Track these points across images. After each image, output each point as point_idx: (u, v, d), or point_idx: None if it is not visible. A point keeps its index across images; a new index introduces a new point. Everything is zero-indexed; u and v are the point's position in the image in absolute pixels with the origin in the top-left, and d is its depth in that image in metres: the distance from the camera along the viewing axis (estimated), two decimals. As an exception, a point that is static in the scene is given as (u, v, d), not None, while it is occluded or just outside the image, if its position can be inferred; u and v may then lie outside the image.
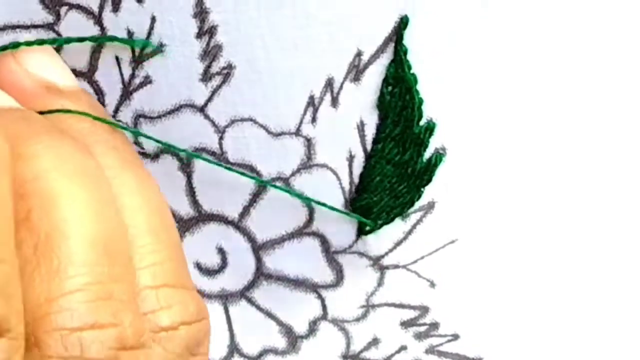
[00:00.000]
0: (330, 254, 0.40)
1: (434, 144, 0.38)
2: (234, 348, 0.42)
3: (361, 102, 0.38)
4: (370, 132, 0.38)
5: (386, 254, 0.40)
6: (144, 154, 0.40)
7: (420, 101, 0.37)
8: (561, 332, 0.41)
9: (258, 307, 0.42)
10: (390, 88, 0.37)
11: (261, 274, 0.41)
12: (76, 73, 0.40)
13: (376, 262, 0.40)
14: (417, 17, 0.37)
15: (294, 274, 0.41)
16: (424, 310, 0.41)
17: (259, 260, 0.41)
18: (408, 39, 0.37)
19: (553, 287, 0.40)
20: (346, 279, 0.40)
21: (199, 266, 0.41)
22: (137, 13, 0.38)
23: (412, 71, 0.37)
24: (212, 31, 0.38)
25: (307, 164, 0.39)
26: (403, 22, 0.37)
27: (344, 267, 0.40)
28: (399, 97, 0.37)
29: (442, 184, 0.38)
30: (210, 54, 0.38)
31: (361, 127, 0.38)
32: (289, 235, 0.40)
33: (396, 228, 0.39)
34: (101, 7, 0.39)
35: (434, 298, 0.40)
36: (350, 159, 0.38)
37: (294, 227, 0.40)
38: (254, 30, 0.37)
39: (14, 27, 0.40)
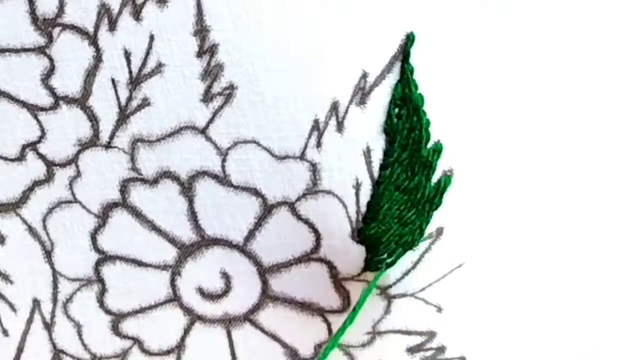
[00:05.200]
0: (337, 280, 0.39)
1: (441, 166, 0.37)
2: (237, 372, 0.42)
3: (367, 127, 0.36)
4: (376, 157, 0.37)
5: (394, 283, 0.39)
6: (143, 180, 0.39)
7: (428, 122, 0.36)
8: (569, 355, 0.40)
9: (263, 330, 0.41)
10: (397, 110, 0.36)
11: (267, 296, 0.40)
12: (68, 100, 0.38)
13: (384, 291, 0.39)
14: (422, 35, 0.36)
15: (301, 297, 0.40)
16: (431, 335, 0.40)
17: (264, 283, 0.40)
18: (413, 57, 0.36)
19: (561, 310, 0.39)
20: (353, 306, 0.39)
21: (201, 291, 0.40)
22: (135, 32, 0.37)
23: (418, 91, 0.36)
24: (212, 50, 0.36)
25: (312, 190, 0.37)
26: (410, 40, 0.36)
27: (351, 294, 0.39)
28: (407, 119, 0.36)
29: (450, 208, 0.37)
30: (211, 73, 0.37)
31: (368, 154, 0.37)
32: (295, 260, 0.39)
33: (405, 257, 0.38)
34: (97, 27, 0.37)
35: (441, 322, 0.39)
36: (357, 186, 0.37)
37: (301, 252, 0.39)
38: (255, 50, 0.36)
39: (2, 51, 0.38)
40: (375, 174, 0.37)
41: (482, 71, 0.36)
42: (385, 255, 0.38)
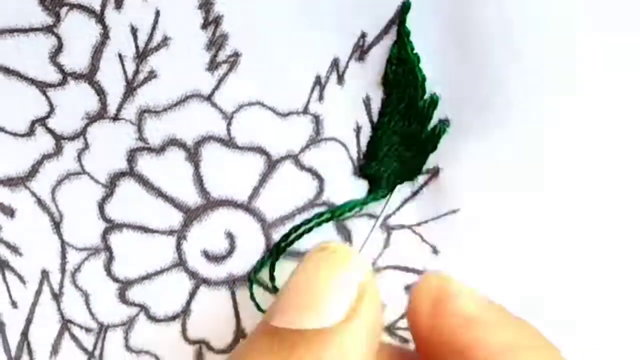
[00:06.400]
0: (340, 221, 0.42)
1: (437, 115, 0.40)
2: (240, 333, 0.43)
3: (366, 79, 0.40)
4: (375, 105, 0.40)
5: (394, 213, 0.42)
6: (149, 149, 0.41)
7: (424, 78, 0.39)
8: (566, 301, 0.42)
9: (266, 288, 0.43)
10: (394, 67, 0.39)
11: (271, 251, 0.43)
12: (76, 75, 0.41)
13: (383, 222, 0.42)
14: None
15: (304, 246, 0.42)
16: None
17: (268, 239, 0.42)
18: (410, 20, 0.39)
19: (559, 258, 0.42)
20: (354, 244, 0.42)
21: (206, 254, 0.43)
22: (141, 8, 0.40)
23: (415, 51, 0.39)
24: (217, 21, 0.39)
25: (315, 139, 0.41)
26: (405, 7, 0.39)
27: (352, 233, 0.42)
28: (403, 76, 0.39)
29: (447, 152, 0.40)
30: (216, 43, 0.40)
31: (367, 101, 0.40)
32: (299, 210, 0.42)
33: (404, 188, 0.41)
34: (103, 5, 0.40)
35: (436, 265, 0.42)
36: (358, 130, 0.40)
37: (305, 201, 0.42)
38: (259, 19, 0.39)
39: (11, 31, 0.40)
40: (375, 118, 0.40)
41: (476, 30, 0.39)
42: (386, 186, 0.41)
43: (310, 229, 0.41)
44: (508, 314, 0.35)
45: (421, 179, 0.41)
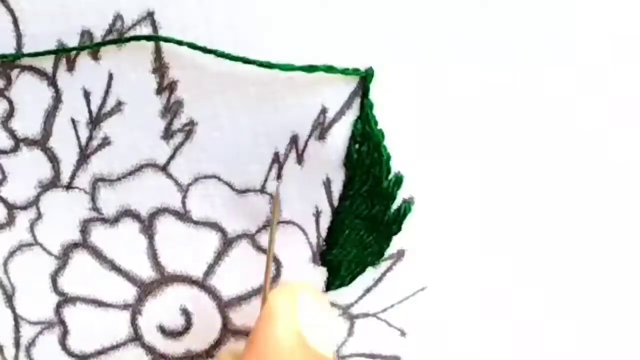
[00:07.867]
0: None
1: (402, 194, 0.37)
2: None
3: (327, 160, 0.37)
4: (337, 188, 0.37)
5: (356, 301, 0.39)
6: (103, 219, 0.39)
7: (389, 157, 0.36)
8: None
9: None
10: (357, 145, 0.36)
11: (228, 330, 0.40)
12: (28, 142, 0.39)
13: (345, 310, 0.39)
14: (382, 70, 0.36)
15: None
16: (395, 359, 0.40)
17: (224, 317, 0.40)
18: (373, 91, 0.36)
19: (526, 332, 0.40)
20: None
21: (162, 329, 0.40)
22: (93, 71, 0.37)
23: (378, 127, 0.36)
24: (172, 87, 0.37)
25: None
26: (368, 75, 0.36)
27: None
28: (367, 155, 0.36)
29: (411, 232, 0.38)
30: (171, 110, 0.37)
31: (327, 184, 0.37)
32: (255, 292, 0.39)
33: (366, 275, 0.39)
34: (55, 67, 0.38)
35: (404, 347, 0.40)
36: (317, 214, 0.38)
37: (261, 283, 0.39)
38: (215, 87, 0.36)
39: None
40: (335, 202, 0.37)
41: (442, 102, 0.37)
42: (346, 275, 0.38)
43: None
44: None
45: (384, 264, 0.38)
